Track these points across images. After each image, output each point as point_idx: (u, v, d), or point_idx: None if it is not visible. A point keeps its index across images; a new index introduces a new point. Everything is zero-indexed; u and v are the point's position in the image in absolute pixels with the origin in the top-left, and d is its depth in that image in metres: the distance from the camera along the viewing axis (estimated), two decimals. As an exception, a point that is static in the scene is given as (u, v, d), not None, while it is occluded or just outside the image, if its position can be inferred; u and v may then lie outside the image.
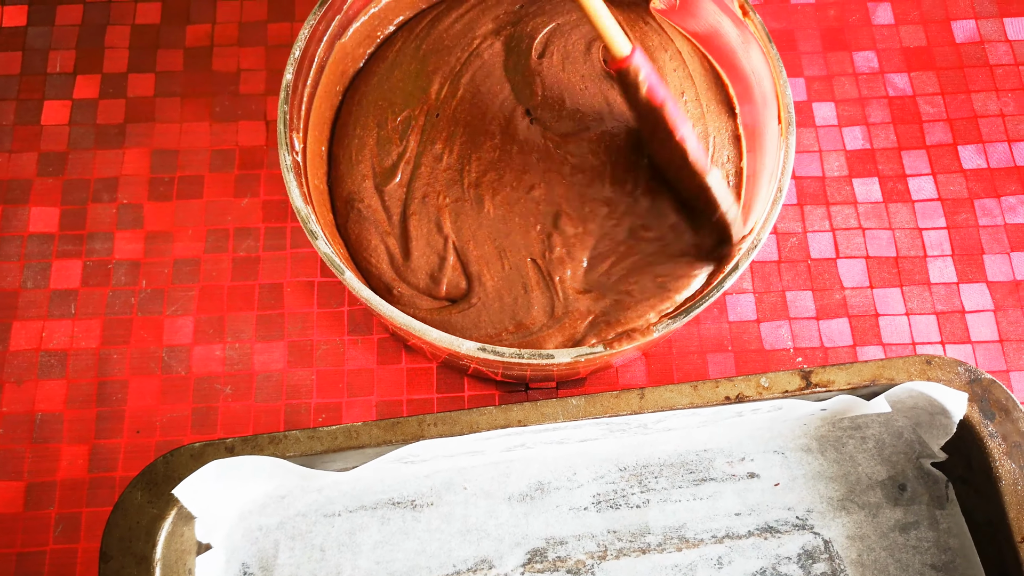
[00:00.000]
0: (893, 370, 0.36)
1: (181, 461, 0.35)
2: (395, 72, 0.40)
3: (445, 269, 0.37)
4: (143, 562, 0.34)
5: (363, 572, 0.38)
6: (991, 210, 0.45)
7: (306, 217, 0.34)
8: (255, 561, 0.38)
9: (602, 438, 0.38)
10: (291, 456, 0.35)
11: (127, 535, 0.34)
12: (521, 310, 0.37)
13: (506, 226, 0.38)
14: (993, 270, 0.43)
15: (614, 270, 0.37)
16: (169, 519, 0.34)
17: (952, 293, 0.43)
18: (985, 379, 0.36)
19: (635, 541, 0.39)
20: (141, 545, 0.34)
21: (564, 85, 0.39)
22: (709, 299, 0.33)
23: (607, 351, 0.32)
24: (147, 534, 0.34)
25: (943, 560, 0.38)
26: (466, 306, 0.37)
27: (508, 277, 0.37)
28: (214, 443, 0.35)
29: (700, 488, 0.40)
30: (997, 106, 0.47)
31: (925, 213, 0.45)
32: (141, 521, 0.34)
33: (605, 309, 0.36)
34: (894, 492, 0.39)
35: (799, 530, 0.39)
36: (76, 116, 0.47)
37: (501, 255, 0.37)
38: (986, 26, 0.48)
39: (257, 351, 0.42)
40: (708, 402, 0.36)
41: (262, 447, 0.35)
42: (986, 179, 0.45)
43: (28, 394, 0.41)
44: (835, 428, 0.40)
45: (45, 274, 0.43)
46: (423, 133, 0.39)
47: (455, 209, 0.38)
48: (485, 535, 0.39)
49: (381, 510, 0.39)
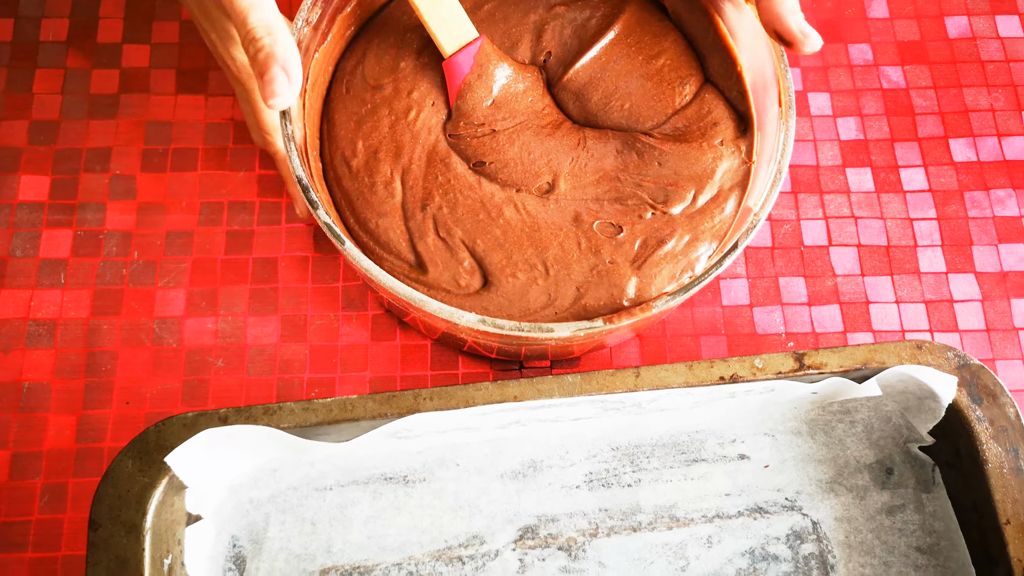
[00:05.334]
0: (884, 354, 0.37)
1: (173, 430, 0.35)
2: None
3: (458, 258, 0.37)
4: (133, 531, 0.34)
5: (354, 546, 0.38)
6: (980, 202, 0.45)
7: (307, 186, 0.34)
8: (245, 534, 0.38)
9: (596, 417, 0.38)
10: (285, 428, 0.35)
11: (117, 503, 0.34)
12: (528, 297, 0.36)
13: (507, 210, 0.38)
14: (981, 261, 0.44)
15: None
16: (160, 488, 0.34)
17: (941, 282, 0.44)
18: (974, 364, 0.37)
19: (626, 519, 0.39)
20: (131, 514, 0.34)
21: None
22: (708, 278, 0.33)
23: (606, 326, 0.33)
24: (137, 503, 0.34)
25: (928, 542, 0.38)
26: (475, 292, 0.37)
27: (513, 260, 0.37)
28: (207, 413, 0.35)
29: (691, 469, 0.40)
30: (988, 101, 0.47)
31: (916, 204, 0.45)
32: (132, 489, 0.34)
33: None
34: (881, 475, 0.40)
35: (788, 511, 0.39)
36: (69, 85, 0.46)
37: (505, 239, 0.37)
38: (978, 23, 0.49)
39: (250, 325, 0.42)
40: (703, 382, 0.36)
41: (256, 418, 0.35)
42: (976, 172, 0.46)
43: (15, 363, 0.41)
44: (825, 412, 0.40)
45: (35, 243, 0.43)
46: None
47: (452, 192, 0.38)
48: (477, 511, 0.39)
49: (373, 485, 0.39)
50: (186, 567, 0.35)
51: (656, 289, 0.35)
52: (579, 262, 0.36)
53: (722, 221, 0.36)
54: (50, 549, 0.38)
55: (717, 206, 0.36)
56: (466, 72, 0.38)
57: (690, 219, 0.36)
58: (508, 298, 0.36)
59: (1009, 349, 0.43)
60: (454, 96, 0.38)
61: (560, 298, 0.36)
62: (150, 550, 0.34)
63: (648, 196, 0.37)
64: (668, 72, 0.39)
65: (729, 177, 0.37)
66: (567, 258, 0.36)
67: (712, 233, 0.36)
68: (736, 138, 0.37)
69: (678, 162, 0.37)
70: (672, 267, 0.36)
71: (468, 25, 0.38)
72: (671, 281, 0.35)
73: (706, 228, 0.36)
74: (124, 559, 0.33)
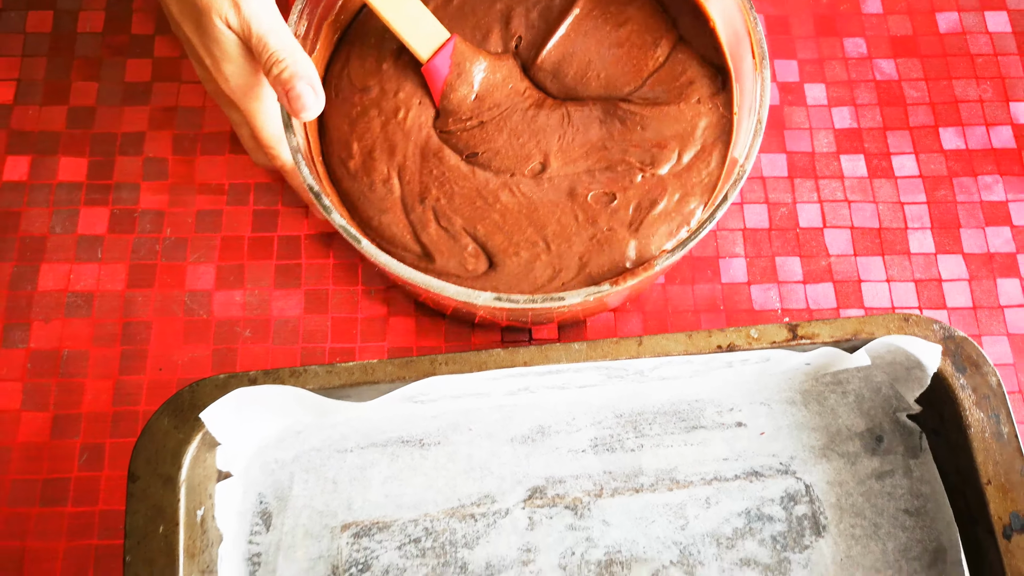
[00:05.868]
0: (873, 325, 0.39)
1: (206, 391, 0.37)
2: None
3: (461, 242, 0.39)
4: (169, 483, 0.36)
5: (373, 504, 0.40)
6: (968, 187, 0.48)
7: (319, 193, 0.36)
8: (271, 491, 0.40)
9: (600, 385, 0.41)
10: (310, 389, 0.37)
11: (154, 457, 0.36)
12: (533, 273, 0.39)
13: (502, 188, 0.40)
14: (969, 243, 0.46)
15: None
16: (193, 444, 0.37)
17: (930, 263, 0.46)
18: (958, 336, 0.39)
19: (629, 481, 0.41)
20: (167, 467, 0.36)
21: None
22: (703, 231, 0.35)
23: (613, 288, 0.35)
24: (173, 457, 0.36)
25: (915, 505, 0.40)
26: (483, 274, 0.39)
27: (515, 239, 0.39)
28: (237, 375, 0.37)
29: (691, 435, 0.42)
30: (976, 92, 0.50)
31: (907, 188, 0.48)
32: (167, 445, 0.37)
33: None
34: (871, 443, 0.42)
35: (782, 475, 0.41)
36: (104, 74, 0.49)
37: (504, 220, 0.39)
38: (968, 18, 0.51)
39: (275, 298, 0.44)
40: (701, 350, 0.38)
41: (283, 380, 0.37)
42: (964, 159, 0.48)
43: (55, 332, 0.43)
44: (818, 383, 0.42)
45: (73, 220, 0.45)
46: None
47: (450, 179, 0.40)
48: (488, 473, 0.41)
49: (391, 447, 0.41)
50: (216, 520, 0.38)
51: (656, 248, 0.38)
52: (578, 234, 0.39)
53: (709, 175, 0.39)
54: (88, 504, 0.41)
55: (702, 161, 0.39)
56: (445, 74, 0.40)
57: (678, 177, 0.39)
58: (515, 276, 0.39)
59: (995, 325, 0.45)
60: (438, 98, 0.41)
61: (565, 270, 0.38)
62: (185, 501, 0.36)
63: (636, 160, 0.39)
64: (637, 37, 0.41)
65: (711, 132, 0.39)
66: (566, 232, 0.39)
67: (702, 188, 0.39)
68: (713, 95, 0.40)
69: (660, 124, 0.39)
70: (668, 225, 0.38)
71: (438, 27, 0.40)
72: (669, 238, 0.38)
73: (695, 183, 0.38)
74: (160, 508, 0.36)
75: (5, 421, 0.42)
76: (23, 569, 0.40)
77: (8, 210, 0.45)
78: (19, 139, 0.47)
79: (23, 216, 0.45)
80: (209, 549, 0.37)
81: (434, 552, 0.40)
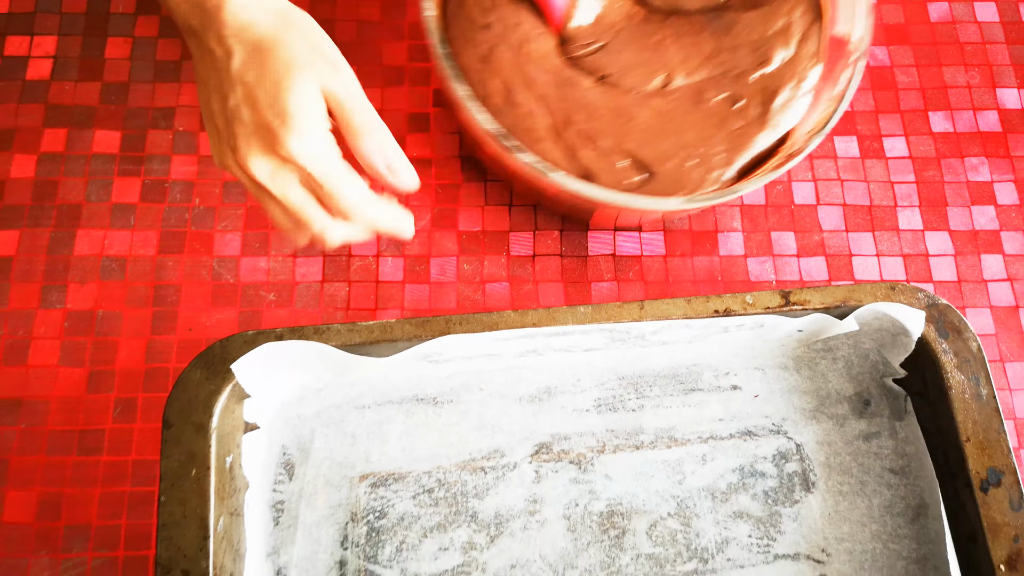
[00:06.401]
0: (861, 293, 0.42)
1: (236, 345, 0.40)
2: None
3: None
4: (201, 430, 0.39)
5: (389, 457, 0.43)
6: (955, 168, 0.50)
7: (505, 135, 0.39)
8: (294, 444, 0.43)
9: (604, 348, 0.43)
10: (332, 346, 0.40)
11: (187, 407, 0.39)
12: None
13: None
14: (955, 220, 0.49)
15: None
16: (224, 395, 0.39)
17: (918, 239, 0.49)
18: (941, 304, 0.42)
19: (630, 439, 0.44)
20: (199, 415, 0.39)
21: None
22: (844, 103, 0.41)
23: (776, 172, 0.40)
24: (204, 406, 0.39)
25: (900, 464, 0.43)
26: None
27: None
28: (265, 332, 0.40)
29: (689, 397, 0.45)
30: (965, 79, 0.52)
31: (897, 169, 0.50)
32: (200, 395, 0.39)
33: None
34: (859, 406, 0.44)
35: (774, 435, 0.44)
36: (136, 52, 0.51)
37: None
38: (958, 8, 0.54)
39: (298, 264, 0.47)
40: (699, 314, 0.41)
41: (307, 336, 0.40)
42: (952, 141, 0.51)
43: (91, 293, 0.46)
44: (809, 350, 0.45)
45: (107, 189, 0.48)
46: None
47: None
48: (498, 430, 0.44)
49: (406, 405, 0.44)
50: (244, 468, 0.40)
51: (789, 128, 0.42)
52: (716, 136, 0.42)
53: (815, 54, 0.43)
54: (122, 454, 0.43)
55: (805, 46, 0.43)
56: (564, 2, 0.43)
57: (792, 64, 0.43)
58: (671, 181, 0.42)
59: (978, 298, 0.48)
60: (558, 25, 0.43)
61: (715, 168, 0.42)
62: (215, 448, 0.39)
63: (748, 62, 0.43)
64: None
65: (807, 17, 0.43)
66: (705, 136, 0.42)
67: (811, 67, 0.43)
68: None
69: (762, 23, 0.43)
70: (793, 112, 0.42)
71: None
72: (800, 120, 0.42)
73: (805, 65, 0.43)
74: (193, 453, 0.38)
75: (44, 376, 0.45)
76: (61, 512, 0.43)
77: (46, 179, 0.48)
78: (56, 113, 0.49)
79: (60, 185, 0.48)
80: (237, 494, 0.40)
81: (446, 501, 0.42)
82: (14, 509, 0.43)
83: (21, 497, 0.43)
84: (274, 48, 0.33)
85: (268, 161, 0.32)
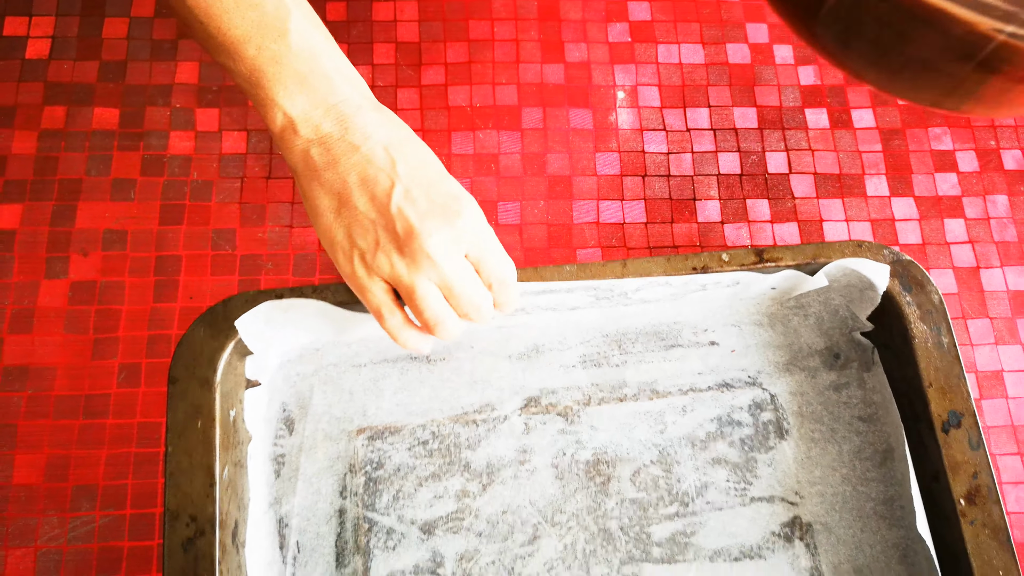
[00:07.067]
0: (830, 250, 0.44)
1: (237, 305, 0.42)
2: None
3: None
4: (205, 384, 0.41)
5: (385, 411, 0.45)
6: (920, 138, 0.53)
7: None
8: (293, 400, 0.45)
9: (589, 307, 0.46)
10: (330, 303, 0.42)
11: (192, 362, 0.41)
12: None
13: None
14: (919, 187, 0.52)
15: None
16: (227, 351, 0.41)
17: (885, 204, 0.51)
18: (905, 259, 0.44)
19: (614, 392, 0.46)
20: (204, 370, 0.41)
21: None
22: None
23: None
24: (209, 362, 0.41)
25: (868, 412, 0.46)
26: None
27: None
28: (265, 291, 0.42)
29: (669, 352, 0.47)
30: (928, 53, 0.55)
31: (864, 139, 0.53)
32: (204, 351, 0.41)
33: None
34: (830, 359, 0.47)
35: (750, 386, 0.46)
36: (134, 31, 0.53)
37: None
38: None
39: (294, 235, 0.49)
40: (679, 271, 0.43)
41: (306, 296, 0.42)
42: (917, 112, 0.53)
43: (93, 264, 0.48)
44: (783, 307, 0.47)
45: (108, 164, 0.50)
46: None
47: None
48: (489, 385, 0.46)
49: (401, 363, 0.46)
50: (246, 423, 0.42)
51: None
52: None
53: None
54: (127, 417, 0.45)
55: None
56: None
57: None
58: None
59: (942, 259, 0.50)
60: None
61: None
62: (219, 401, 0.41)
63: None
64: None
65: None
66: None
67: None
68: None
69: None
70: None
71: None
72: None
73: None
74: (198, 406, 0.40)
75: (49, 344, 0.46)
76: (69, 474, 0.44)
77: (47, 155, 0.50)
78: (56, 91, 0.51)
79: (61, 160, 0.50)
80: (240, 447, 0.42)
81: (440, 452, 0.44)
82: (23, 471, 0.44)
83: (30, 459, 0.44)
84: (411, 140, 0.37)
85: (446, 236, 0.35)
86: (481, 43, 0.53)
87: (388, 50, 0.52)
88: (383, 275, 0.37)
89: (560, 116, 0.52)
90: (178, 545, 0.38)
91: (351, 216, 0.36)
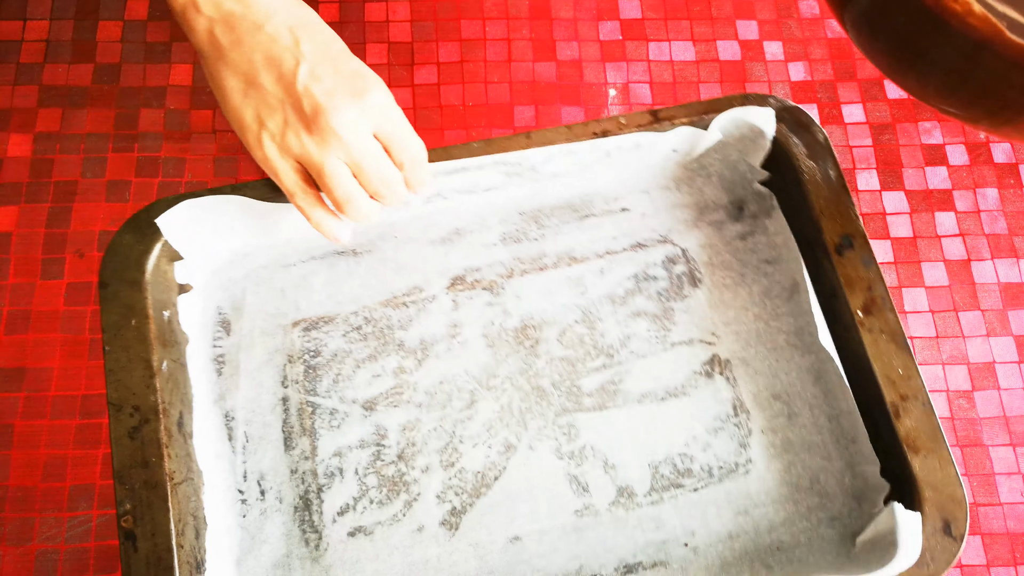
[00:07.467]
0: (721, 104, 0.47)
1: (160, 208, 0.43)
2: None
3: None
4: (135, 285, 0.42)
5: (317, 303, 0.47)
6: (910, 132, 0.55)
7: None
8: (228, 303, 0.46)
9: (503, 187, 0.48)
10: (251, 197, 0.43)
11: (120, 266, 0.42)
12: None
13: None
14: (910, 181, 0.54)
15: None
16: (154, 253, 0.43)
17: (875, 198, 0.54)
18: (790, 106, 0.47)
19: (535, 263, 0.48)
20: (132, 272, 0.42)
21: None
22: None
23: None
24: (136, 264, 0.42)
25: (773, 255, 0.48)
26: None
27: None
28: (186, 193, 0.43)
29: (584, 222, 0.49)
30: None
31: (855, 133, 0.55)
32: (131, 255, 0.43)
33: None
34: (734, 212, 0.50)
35: (662, 243, 0.49)
36: (127, 35, 0.54)
37: None
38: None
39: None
40: (580, 137, 0.46)
41: (225, 193, 0.43)
42: (907, 108, 0.56)
43: (89, 266, 0.49)
44: (686, 170, 0.50)
45: (103, 166, 0.51)
46: None
47: None
48: (415, 270, 0.48)
49: (328, 259, 0.48)
50: (182, 325, 0.44)
51: None
52: None
53: None
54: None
55: None
56: None
57: None
58: None
59: (933, 253, 0.53)
60: None
61: None
62: (151, 300, 0.42)
63: None
64: None
65: None
66: None
67: None
68: None
69: None
70: None
71: None
72: None
73: None
74: (131, 306, 0.42)
75: (46, 344, 0.48)
76: (66, 473, 0.46)
77: (43, 157, 0.51)
78: (50, 94, 0.52)
79: (56, 162, 0.51)
80: (178, 346, 0.43)
81: (374, 335, 0.46)
82: (20, 471, 0.46)
83: (27, 459, 0.46)
84: (315, 21, 0.38)
85: (353, 113, 0.37)
86: (473, 42, 0.55)
87: (381, 50, 0.55)
88: (293, 155, 0.38)
89: (552, 114, 0.54)
90: (124, 434, 0.40)
91: (259, 96, 0.38)
